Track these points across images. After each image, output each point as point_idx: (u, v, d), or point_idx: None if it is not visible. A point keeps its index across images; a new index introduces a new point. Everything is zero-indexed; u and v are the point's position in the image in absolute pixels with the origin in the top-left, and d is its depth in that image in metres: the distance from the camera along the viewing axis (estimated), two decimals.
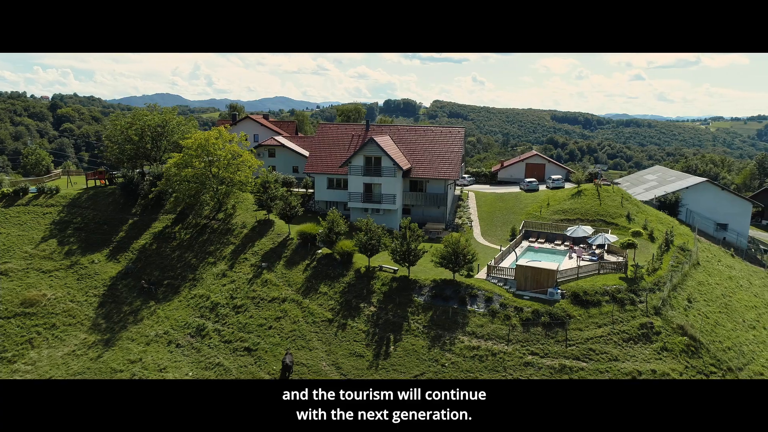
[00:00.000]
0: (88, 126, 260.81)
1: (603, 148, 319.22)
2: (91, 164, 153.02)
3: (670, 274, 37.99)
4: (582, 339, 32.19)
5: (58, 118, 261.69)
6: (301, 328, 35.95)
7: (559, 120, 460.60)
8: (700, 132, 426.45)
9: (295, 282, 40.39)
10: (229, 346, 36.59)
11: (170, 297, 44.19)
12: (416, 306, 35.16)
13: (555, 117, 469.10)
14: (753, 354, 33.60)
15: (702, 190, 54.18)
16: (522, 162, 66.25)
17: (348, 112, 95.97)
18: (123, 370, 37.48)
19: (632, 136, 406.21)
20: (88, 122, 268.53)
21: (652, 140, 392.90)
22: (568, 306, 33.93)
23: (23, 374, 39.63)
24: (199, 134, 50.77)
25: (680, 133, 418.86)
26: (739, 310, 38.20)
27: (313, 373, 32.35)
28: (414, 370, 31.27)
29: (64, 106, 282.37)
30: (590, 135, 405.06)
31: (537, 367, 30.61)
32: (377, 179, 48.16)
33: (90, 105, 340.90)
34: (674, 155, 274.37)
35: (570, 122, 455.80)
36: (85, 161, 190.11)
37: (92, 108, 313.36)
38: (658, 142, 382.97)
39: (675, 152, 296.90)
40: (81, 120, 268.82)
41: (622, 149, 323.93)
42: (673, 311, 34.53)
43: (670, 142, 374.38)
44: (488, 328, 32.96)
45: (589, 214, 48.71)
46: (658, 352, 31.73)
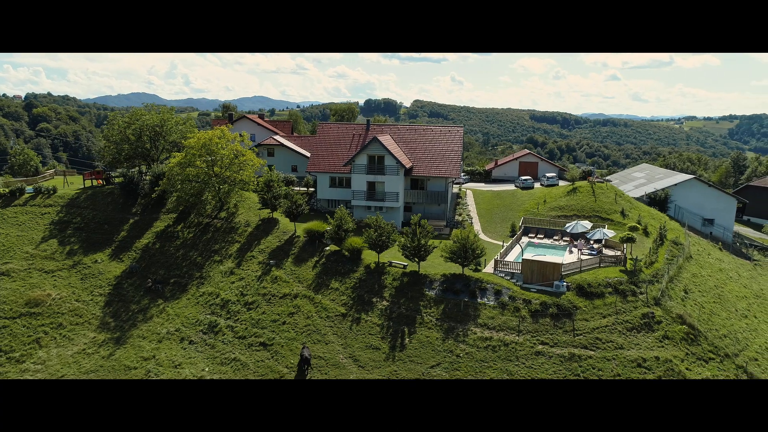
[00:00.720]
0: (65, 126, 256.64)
1: (581, 147, 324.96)
2: (73, 165, 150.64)
3: (667, 267, 39.78)
4: (588, 329, 33.68)
5: (33, 118, 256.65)
6: (316, 323, 36.81)
7: (537, 119, 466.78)
8: (674, 131, 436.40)
9: (305, 278, 41.19)
10: (243, 342, 37.25)
11: (178, 295, 44.57)
12: (428, 300, 36.30)
13: (534, 117, 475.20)
14: (747, 341, 35.48)
15: (689, 187, 56.39)
16: (516, 160, 68.00)
17: (342, 111, 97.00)
18: (137, 367, 37.86)
19: (609, 136, 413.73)
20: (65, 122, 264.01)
21: (629, 139, 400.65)
22: (573, 298, 35.42)
23: (33, 373, 39.68)
24: (202, 134, 51.17)
25: (655, 132, 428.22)
26: (731, 300, 40.18)
27: (331, 366, 33.27)
28: (430, 361, 32.40)
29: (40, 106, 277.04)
30: (568, 134, 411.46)
31: (548, 356, 32.01)
32: (380, 177, 49.22)
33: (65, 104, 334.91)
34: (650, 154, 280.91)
35: (548, 122, 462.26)
36: (64, 161, 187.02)
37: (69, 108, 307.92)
38: (634, 141, 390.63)
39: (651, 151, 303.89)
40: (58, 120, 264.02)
41: (600, 148, 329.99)
42: (672, 302, 36.26)
43: (646, 141, 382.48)
44: (499, 320, 34.26)
45: (585, 210, 50.44)
46: (660, 340, 33.36)
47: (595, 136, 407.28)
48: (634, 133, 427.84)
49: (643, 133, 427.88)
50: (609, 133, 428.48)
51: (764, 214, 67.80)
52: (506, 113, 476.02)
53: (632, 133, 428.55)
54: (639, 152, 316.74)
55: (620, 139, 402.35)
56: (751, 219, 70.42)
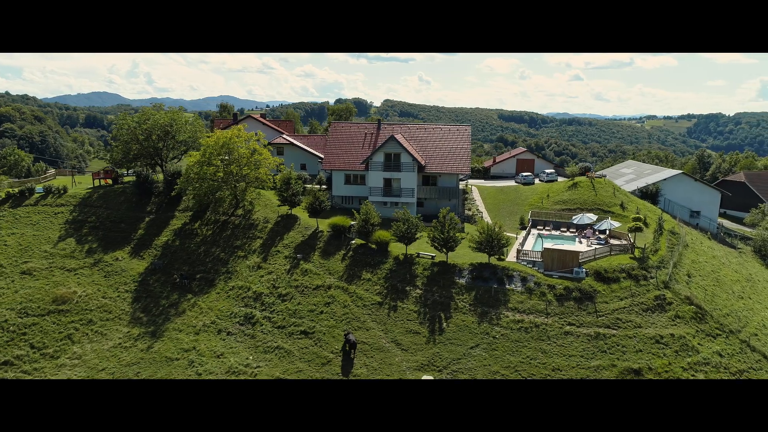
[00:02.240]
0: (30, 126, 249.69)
1: (550, 146, 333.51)
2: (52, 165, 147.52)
3: (670, 254, 43.36)
4: (609, 310, 36.80)
5: None
6: (353, 312, 38.90)
7: (506, 119, 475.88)
8: (636, 130, 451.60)
9: (335, 270, 43.17)
10: (283, 331, 39.04)
11: (206, 290, 45.91)
12: (459, 287, 38.85)
13: (502, 116, 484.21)
14: (746, 319, 39.23)
15: (678, 181, 60.59)
16: (513, 158, 71.39)
17: (340, 111, 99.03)
18: (178, 358, 39.22)
19: (575, 134, 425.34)
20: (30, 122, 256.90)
21: (593, 138, 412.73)
22: (592, 282, 38.51)
23: (71, 368, 40.53)
24: (221, 133, 52.45)
25: (619, 131, 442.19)
26: (728, 283, 44.03)
27: (375, 350, 35.46)
28: (469, 342, 34.95)
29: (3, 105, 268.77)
30: (536, 133, 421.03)
31: (576, 335, 34.95)
32: (397, 174, 51.55)
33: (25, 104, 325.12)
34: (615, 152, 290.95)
35: (516, 121, 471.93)
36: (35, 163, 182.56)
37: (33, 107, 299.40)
38: (599, 139, 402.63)
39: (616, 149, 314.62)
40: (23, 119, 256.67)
41: (568, 146, 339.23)
42: (678, 285, 39.77)
43: (610, 140, 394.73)
44: (528, 304, 37.07)
45: (587, 203, 53.86)
46: (672, 319, 36.73)
47: (562, 134, 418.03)
48: (598, 131, 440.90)
49: (607, 131, 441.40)
50: (575, 132, 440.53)
51: (740, 206, 72.81)
52: (475, 112, 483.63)
53: (597, 131, 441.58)
54: (605, 150, 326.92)
55: (585, 137, 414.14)
56: (728, 212, 75.44)
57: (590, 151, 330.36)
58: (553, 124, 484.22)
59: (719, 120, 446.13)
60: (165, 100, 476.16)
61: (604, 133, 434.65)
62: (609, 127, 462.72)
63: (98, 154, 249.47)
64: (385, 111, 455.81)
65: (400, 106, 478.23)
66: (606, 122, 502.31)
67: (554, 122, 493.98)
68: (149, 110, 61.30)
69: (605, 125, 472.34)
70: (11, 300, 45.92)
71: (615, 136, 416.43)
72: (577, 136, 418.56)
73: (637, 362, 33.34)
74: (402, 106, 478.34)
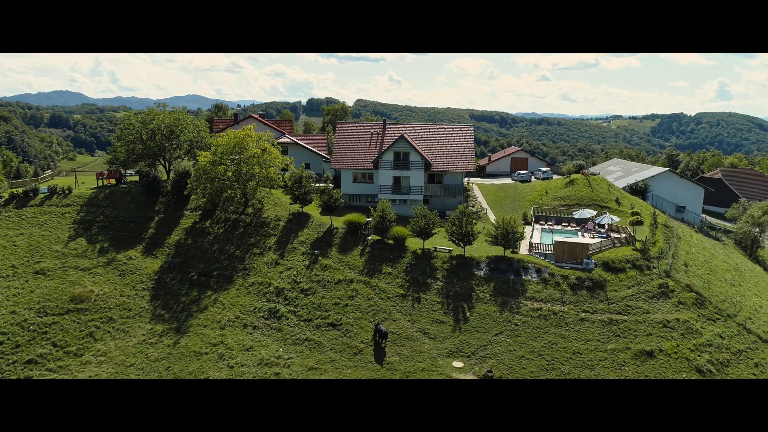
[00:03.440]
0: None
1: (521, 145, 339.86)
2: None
3: (667, 246, 46.41)
4: (619, 298, 39.47)
5: None
6: (378, 304, 40.62)
7: (477, 119, 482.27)
8: (603, 129, 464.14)
9: (355, 265, 44.79)
10: (310, 324, 40.49)
11: (225, 286, 46.92)
12: (478, 279, 40.98)
13: (473, 116, 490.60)
14: (740, 304, 42.45)
15: (664, 178, 64.17)
16: (507, 157, 74.24)
17: (335, 111, 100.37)
18: (207, 352, 40.25)
19: (544, 134, 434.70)
20: None
21: (562, 137, 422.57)
22: (602, 273, 41.15)
23: (98, 365, 41.08)
24: (234, 132, 53.41)
25: (586, 130, 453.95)
26: (720, 272, 47.36)
27: (404, 339, 37.28)
28: (493, 330, 37.10)
29: None
30: (507, 133, 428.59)
31: (591, 321, 37.47)
32: (406, 172, 53.47)
33: None
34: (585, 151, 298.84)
35: (487, 120, 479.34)
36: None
37: None
38: (568, 139, 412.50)
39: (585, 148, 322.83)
40: None
41: (539, 146, 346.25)
42: (678, 274, 42.77)
43: (579, 139, 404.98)
44: (544, 293, 39.45)
45: (585, 199, 56.77)
46: (675, 305, 39.63)
47: (532, 134, 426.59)
48: (567, 131, 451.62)
49: (575, 131, 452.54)
50: (544, 131, 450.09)
51: (717, 202, 77.12)
52: (447, 112, 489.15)
53: (565, 131, 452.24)
54: (574, 150, 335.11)
55: (555, 137, 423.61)
56: (705, 207, 79.73)
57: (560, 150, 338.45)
58: (523, 123, 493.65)
59: (681, 120, 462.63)
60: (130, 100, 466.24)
61: (572, 132, 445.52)
62: (577, 126, 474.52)
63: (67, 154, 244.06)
64: (358, 111, 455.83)
65: (373, 106, 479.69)
66: (574, 122, 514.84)
67: (524, 122, 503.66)
68: (153, 110, 61.74)
69: (573, 125, 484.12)
70: (28, 300, 46.08)
71: (583, 135, 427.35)
72: (547, 135, 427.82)
73: (648, 345, 36.00)
74: (374, 106, 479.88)
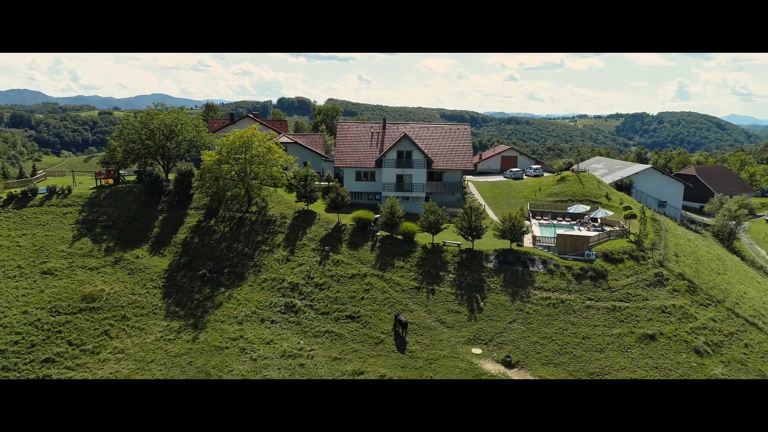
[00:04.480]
0: None
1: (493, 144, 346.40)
2: None
3: (658, 238, 49.43)
4: (620, 287, 42.11)
5: None
6: (393, 296, 42.28)
7: (447, 118, 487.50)
8: (570, 128, 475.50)
9: (367, 260, 46.33)
10: (328, 317, 41.87)
11: (237, 283, 47.84)
12: (488, 271, 43.07)
13: (444, 115, 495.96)
14: (727, 291, 45.68)
15: (648, 175, 67.65)
16: (498, 155, 76.82)
17: (327, 111, 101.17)
18: (228, 346, 41.20)
19: (514, 133, 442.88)
20: None
21: (531, 136, 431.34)
22: (603, 263, 43.75)
23: (116, 362, 41.55)
24: (239, 132, 54.24)
25: (554, 129, 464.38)
26: (706, 261, 50.66)
27: (423, 329, 39.06)
28: (507, 318, 39.23)
29: None
30: (477, 132, 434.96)
31: (596, 309, 39.96)
32: (408, 170, 55.27)
33: None
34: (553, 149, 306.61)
35: (457, 120, 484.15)
36: None
37: None
38: (536, 138, 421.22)
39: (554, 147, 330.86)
40: None
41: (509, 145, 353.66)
42: (670, 263, 45.74)
43: (547, 138, 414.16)
44: (551, 283, 41.79)
45: (576, 195, 59.58)
46: (671, 292, 42.50)
47: (501, 133, 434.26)
48: (535, 130, 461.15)
49: (543, 130, 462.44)
50: (513, 130, 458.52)
51: (692, 198, 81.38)
52: (418, 111, 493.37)
53: (534, 130, 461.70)
54: (543, 148, 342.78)
55: (524, 136, 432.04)
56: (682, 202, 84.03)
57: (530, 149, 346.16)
58: (492, 123, 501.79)
59: (644, 119, 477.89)
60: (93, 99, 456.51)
61: (540, 131, 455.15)
62: (545, 125, 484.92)
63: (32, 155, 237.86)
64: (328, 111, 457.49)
65: (344, 105, 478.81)
66: (542, 121, 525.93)
67: (494, 121, 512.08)
68: (153, 110, 61.97)
69: (541, 124, 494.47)
70: (39, 299, 46.12)
71: (551, 134, 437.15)
72: (516, 134, 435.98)
73: (650, 329, 38.67)
74: (345, 105, 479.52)
